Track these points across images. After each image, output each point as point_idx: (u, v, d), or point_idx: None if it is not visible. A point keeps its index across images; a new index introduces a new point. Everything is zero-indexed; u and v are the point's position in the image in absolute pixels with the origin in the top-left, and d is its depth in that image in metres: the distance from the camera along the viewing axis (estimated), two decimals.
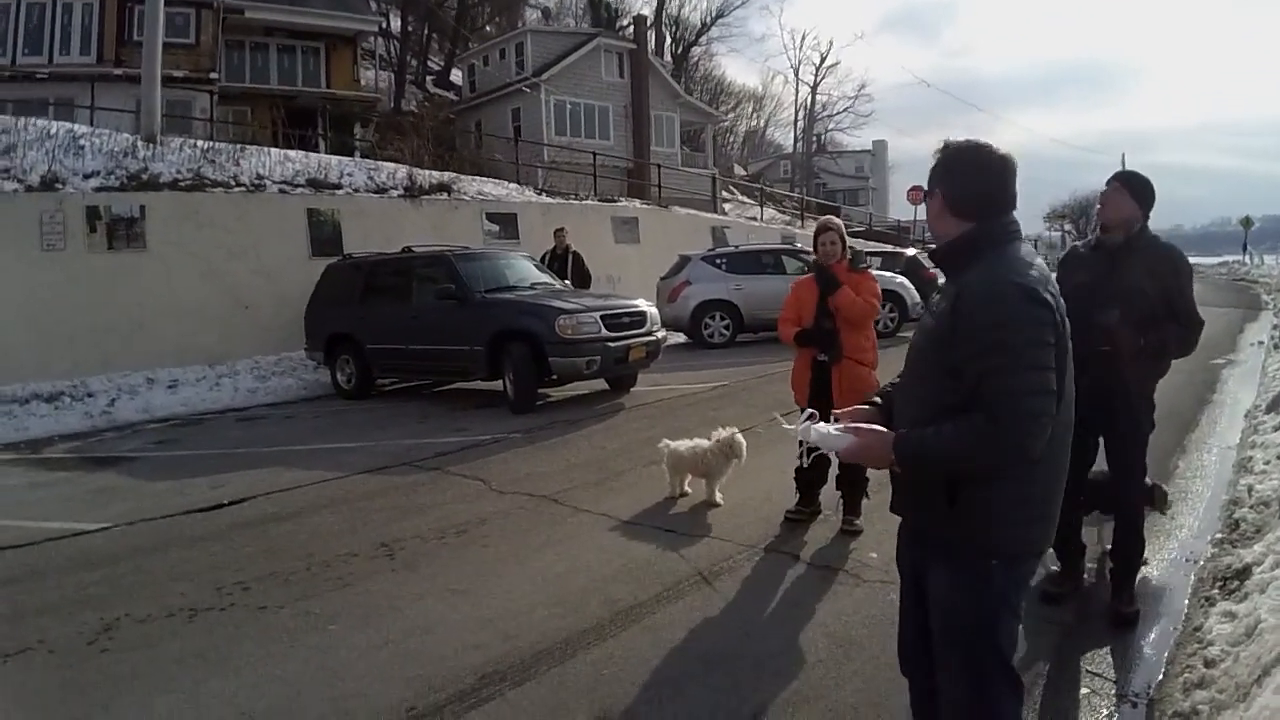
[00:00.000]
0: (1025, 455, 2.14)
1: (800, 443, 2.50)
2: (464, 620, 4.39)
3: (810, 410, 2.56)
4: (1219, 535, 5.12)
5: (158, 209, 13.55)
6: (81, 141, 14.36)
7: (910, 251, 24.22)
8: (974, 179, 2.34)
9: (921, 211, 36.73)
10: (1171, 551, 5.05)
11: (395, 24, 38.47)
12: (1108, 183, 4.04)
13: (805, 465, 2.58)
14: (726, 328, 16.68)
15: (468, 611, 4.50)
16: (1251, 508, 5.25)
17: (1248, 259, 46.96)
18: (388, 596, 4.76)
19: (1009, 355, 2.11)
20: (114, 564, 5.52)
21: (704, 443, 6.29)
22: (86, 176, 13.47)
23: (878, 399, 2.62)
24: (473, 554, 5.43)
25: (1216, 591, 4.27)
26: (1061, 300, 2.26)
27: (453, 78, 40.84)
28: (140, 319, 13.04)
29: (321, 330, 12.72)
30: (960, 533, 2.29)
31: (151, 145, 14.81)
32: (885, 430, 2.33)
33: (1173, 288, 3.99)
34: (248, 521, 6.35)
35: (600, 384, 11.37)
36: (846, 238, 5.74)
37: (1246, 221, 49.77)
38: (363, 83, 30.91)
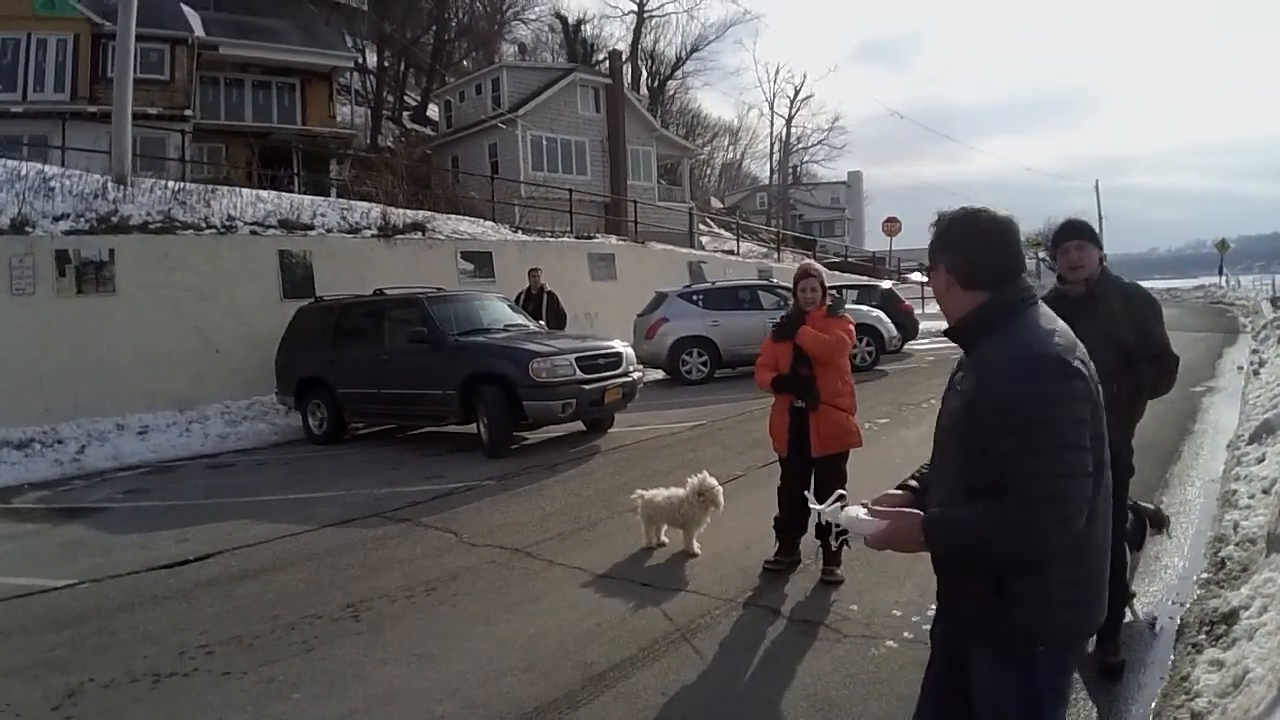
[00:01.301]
0: (1052, 543, 2.02)
1: (830, 525, 2.43)
2: (430, 688, 4.24)
3: (841, 492, 2.49)
4: (1205, 575, 5.03)
5: (127, 252, 13.38)
6: (52, 183, 14.20)
7: (886, 284, 24.36)
8: (978, 248, 2.24)
9: (897, 243, 37.06)
10: (1157, 594, 4.96)
11: (371, 59, 38.53)
12: (1063, 244, 3.99)
13: (835, 548, 2.50)
14: (704, 364, 16.64)
15: (434, 678, 4.35)
16: (1237, 545, 5.17)
17: (1224, 281, 47.41)
18: (352, 662, 4.60)
19: (1040, 436, 1.99)
20: (79, 624, 5.40)
21: (680, 491, 6.17)
22: (56, 219, 13.30)
23: (913, 482, 2.49)
24: (441, 614, 5.28)
25: (1203, 637, 4.17)
26: (1092, 365, 2.17)
27: (429, 113, 40.92)
28: (110, 363, 12.83)
29: (292, 374, 12.56)
30: (1006, 621, 2.15)
31: (122, 186, 14.66)
32: (914, 512, 2.22)
33: (1139, 330, 3.95)
34: (212, 579, 6.18)
35: (577, 425, 11.25)
36: (826, 284, 5.69)
37: (1222, 245, 50.37)
38: (338, 119, 30.88)
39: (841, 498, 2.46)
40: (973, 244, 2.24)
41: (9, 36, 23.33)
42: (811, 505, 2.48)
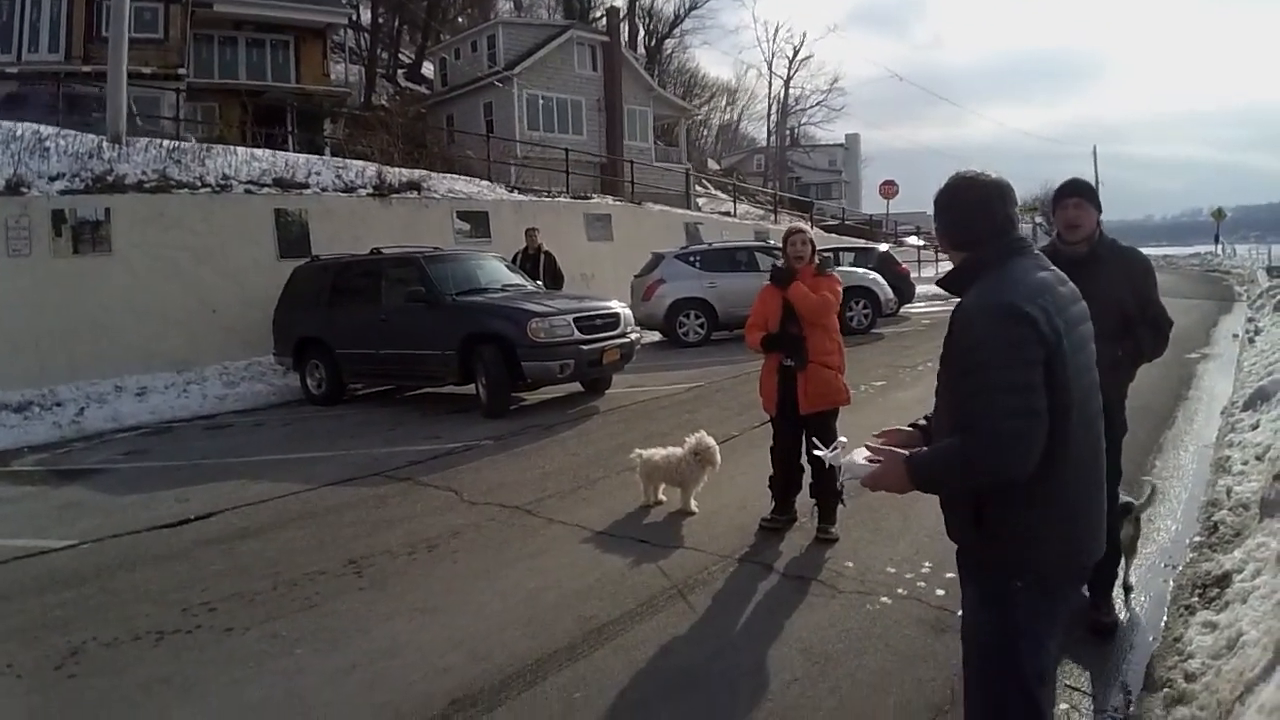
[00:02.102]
0: (1005, 477, 2.15)
1: (833, 469, 2.55)
2: (433, 641, 4.31)
3: (841, 439, 2.59)
4: (1198, 539, 5.08)
5: (123, 211, 13.32)
6: (47, 143, 14.10)
7: (883, 247, 24.34)
8: (956, 214, 2.42)
9: (894, 206, 37.03)
10: (1150, 557, 5.00)
11: (365, 16, 38.19)
12: (1062, 200, 3.99)
13: (842, 490, 2.62)
14: (701, 326, 16.67)
15: (437, 632, 4.43)
16: (1230, 510, 5.21)
17: (1220, 250, 47.31)
18: (355, 617, 4.67)
19: (986, 376, 2.14)
20: (80, 584, 5.43)
21: (678, 450, 6.23)
22: (52, 179, 13.23)
23: (923, 421, 2.62)
24: (443, 570, 5.35)
25: (1196, 600, 4.22)
26: (1063, 308, 2.28)
27: (424, 71, 40.58)
28: (107, 324, 12.83)
29: (290, 334, 12.56)
30: (988, 552, 2.34)
31: (117, 146, 14.56)
32: (901, 452, 2.34)
33: (1141, 294, 3.99)
34: (214, 538, 6.24)
35: (574, 386, 11.29)
36: (815, 242, 5.71)
37: (1219, 213, 50.21)
38: (332, 77, 30.58)
39: (843, 444, 2.56)
40: (952, 211, 2.43)
41: None
42: (817, 452, 2.59)
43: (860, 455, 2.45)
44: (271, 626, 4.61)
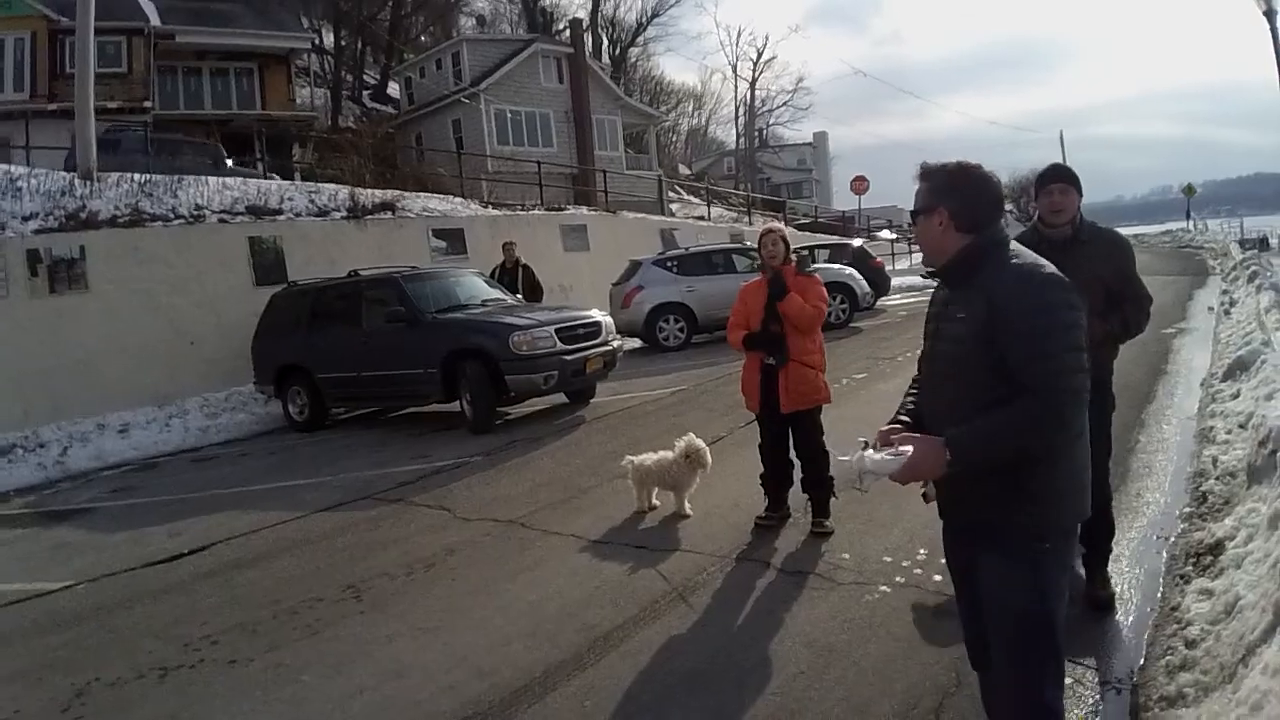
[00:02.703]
0: (1069, 430, 2.33)
1: (860, 475, 2.49)
2: (437, 660, 4.31)
3: (861, 439, 2.53)
4: (1187, 509, 5.15)
5: (97, 248, 13.23)
6: (19, 183, 13.97)
7: (857, 242, 24.50)
8: (979, 194, 2.50)
9: (865, 201, 37.22)
10: (1141, 529, 5.08)
11: (328, 39, 38.05)
12: (1046, 185, 4.06)
13: (865, 491, 2.59)
14: (681, 330, 16.72)
15: (441, 650, 4.42)
16: (1218, 479, 5.29)
17: (1191, 226, 47.71)
18: (358, 641, 4.66)
19: (1052, 340, 2.28)
20: (79, 624, 5.40)
21: (669, 454, 6.25)
22: (25, 219, 13.13)
23: (904, 417, 2.67)
24: (442, 588, 5.35)
25: (1191, 568, 4.29)
26: None
27: (390, 91, 40.48)
28: (87, 362, 12.73)
29: (270, 362, 12.48)
30: (1020, 517, 2.40)
31: (88, 182, 14.45)
32: (930, 438, 2.38)
33: (1123, 273, 4.07)
34: (209, 570, 6.21)
35: (559, 398, 11.29)
36: (789, 240, 5.76)
37: (1189, 190, 50.68)
38: (298, 101, 30.50)
39: (865, 444, 2.50)
40: (971, 191, 2.49)
41: None
42: (842, 458, 2.55)
43: (882, 452, 2.44)
44: (275, 656, 4.59)
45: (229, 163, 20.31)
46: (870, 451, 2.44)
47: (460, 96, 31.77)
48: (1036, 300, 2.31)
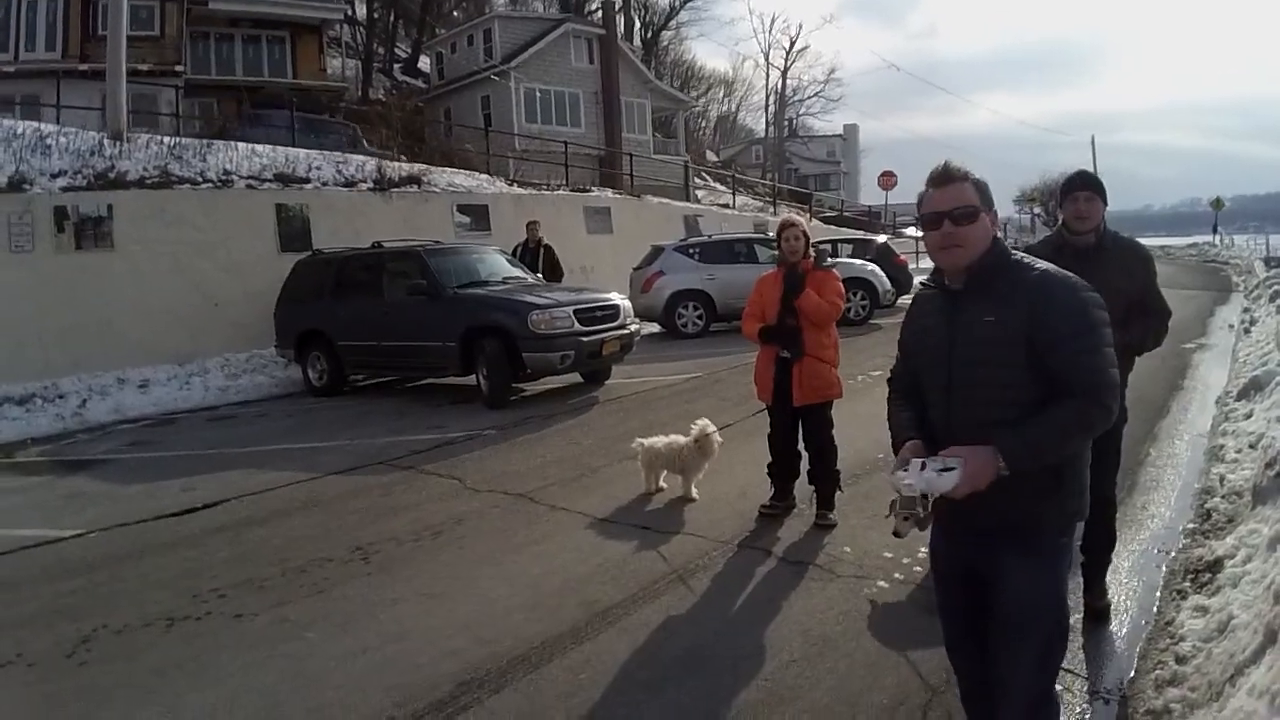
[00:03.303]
0: (1109, 426, 2.40)
1: (923, 496, 2.41)
2: (440, 625, 4.40)
3: (909, 460, 2.47)
4: (1190, 525, 5.17)
5: (125, 207, 13.40)
6: (48, 141, 14.16)
7: (881, 238, 24.39)
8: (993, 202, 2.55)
9: (893, 196, 37.02)
10: (1143, 542, 5.11)
11: (361, 11, 38.09)
12: (1072, 193, 4.04)
13: (926, 514, 2.47)
14: (700, 317, 16.77)
15: (444, 616, 4.51)
16: (1223, 497, 5.30)
17: (1218, 240, 47.22)
18: (363, 602, 4.76)
19: (1095, 337, 2.34)
20: (90, 572, 5.49)
21: (680, 439, 6.32)
22: (54, 176, 13.30)
23: (912, 433, 2.62)
24: (448, 556, 5.44)
25: (1188, 584, 4.31)
26: None
27: (420, 65, 40.50)
28: (109, 319, 12.90)
29: (292, 327, 12.64)
30: (1053, 514, 2.46)
31: (118, 143, 14.60)
32: (980, 448, 2.36)
33: (1144, 285, 4.08)
34: (221, 526, 6.31)
35: (574, 377, 11.37)
36: (809, 235, 5.78)
37: (1218, 203, 50.02)
38: (329, 72, 30.59)
39: (922, 465, 2.42)
40: (991, 198, 2.54)
41: None
42: (907, 482, 2.43)
43: (929, 467, 2.39)
44: (281, 611, 4.68)
45: (365, 143, 21.13)
46: (928, 471, 2.39)
47: (490, 74, 31.78)
48: (1076, 301, 2.35)
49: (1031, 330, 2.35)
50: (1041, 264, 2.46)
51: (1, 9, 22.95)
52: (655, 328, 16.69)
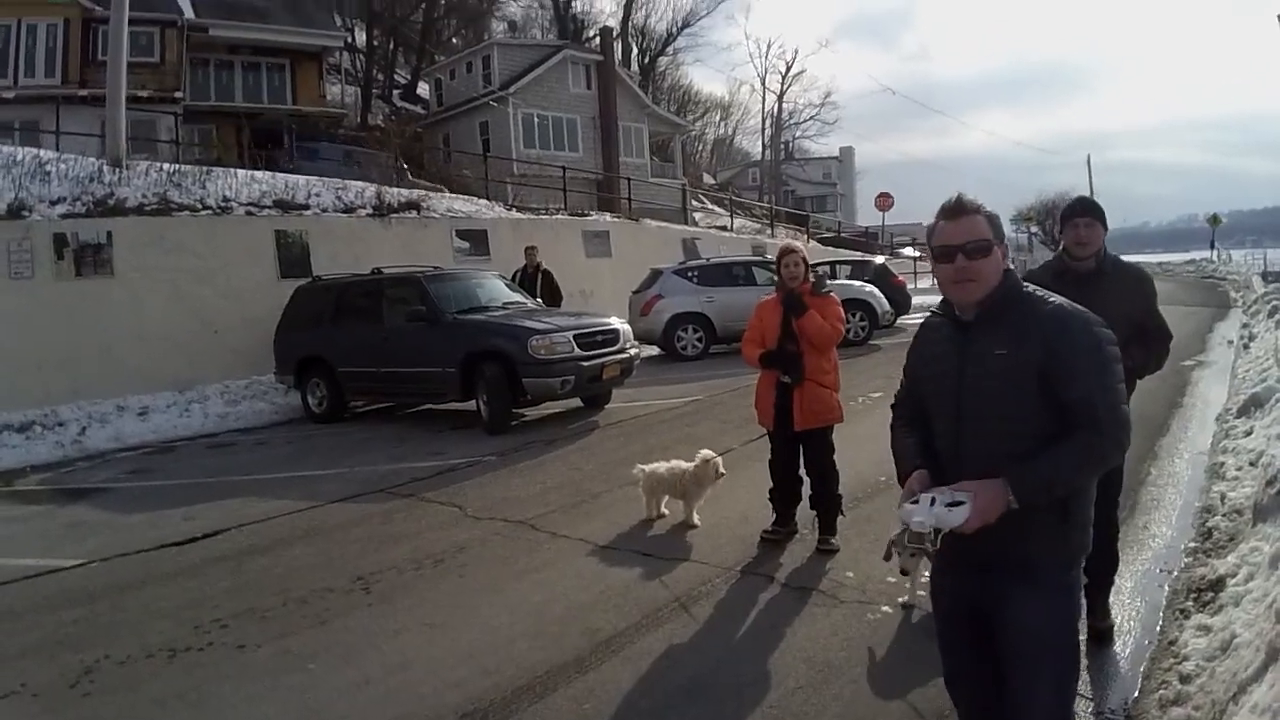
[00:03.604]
0: (1119, 461, 2.47)
1: (934, 531, 2.38)
2: (443, 655, 4.38)
3: (916, 495, 2.45)
4: (1192, 544, 5.18)
5: (124, 234, 13.40)
6: (48, 167, 14.17)
7: (879, 259, 24.47)
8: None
9: (889, 218, 37.20)
10: (1145, 562, 5.11)
11: (360, 38, 38.35)
12: (1073, 219, 4.06)
13: (935, 549, 2.44)
14: (699, 340, 16.79)
15: (446, 646, 4.50)
16: (1224, 516, 5.30)
17: (1215, 256, 47.33)
18: (365, 633, 4.74)
19: (1113, 372, 2.35)
20: (91, 602, 5.47)
21: (682, 464, 6.32)
22: (53, 203, 13.29)
23: (919, 461, 2.60)
24: (450, 585, 5.42)
25: (1191, 604, 4.31)
26: None
27: (420, 91, 40.75)
28: (109, 346, 12.88)
29: (291, 353, 12.64)
30: (1065, 547, 2.46)
31: (117, 169, 14.63)
32: (989, 482, 2.34)
33: (1145, 308, 4.10)
34: (223, 555, 6.29)
35: (574, 402, 11.37)
36: (809, 261, 5.80)
37: (1215, 220, 50.12)
38: (328, 98, 30.76)
39: (932, 500, 2.40)
40: (1002, 232, 2.55)
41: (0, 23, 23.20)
42: (914, 519, 2.40)
43: (938, 500, 2.37)
44: (283, 643, 4.66)
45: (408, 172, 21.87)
46: (937, 506, 2.37)
47: (489, 99, 31.98)
48: (1090, 337, 2.35)
49: (1045, 364, 2.34)
50: (1055, 298, 2.45)
51: (1, 35, 23.05)
52: (655, 350, 16.70)
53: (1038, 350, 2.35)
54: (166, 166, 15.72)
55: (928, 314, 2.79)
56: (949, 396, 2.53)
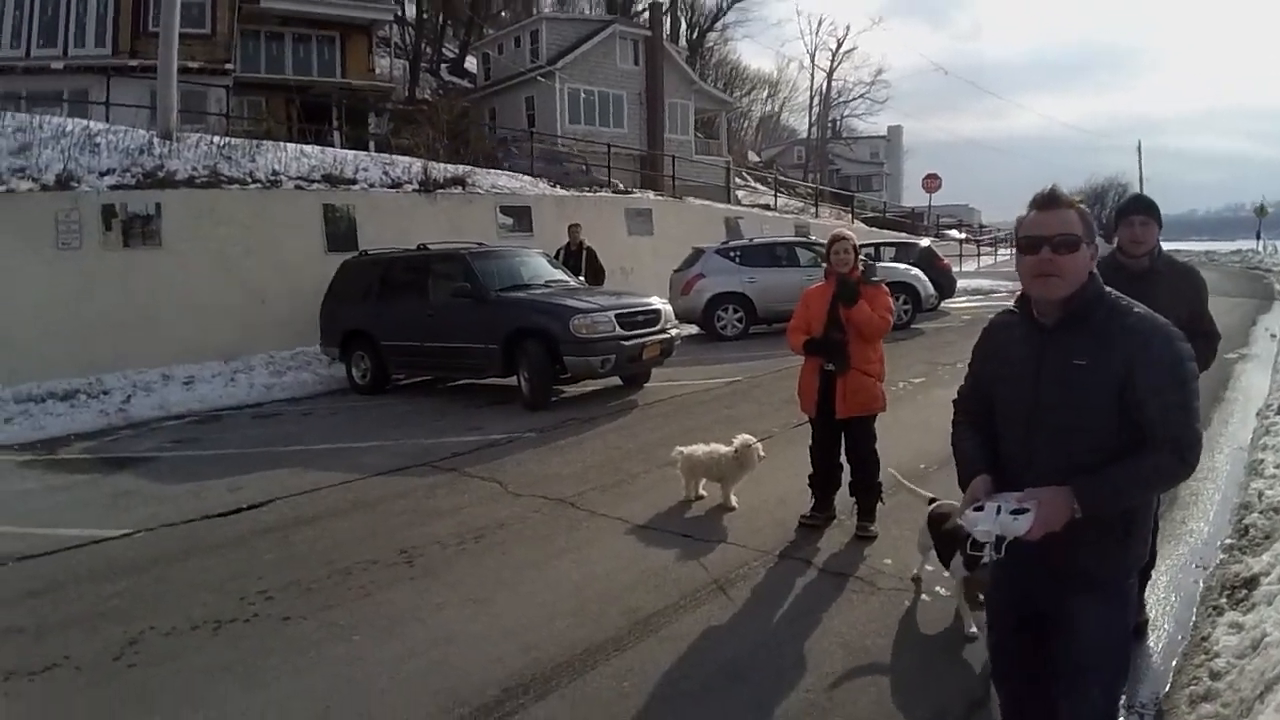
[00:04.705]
0: (1190, 475, 2.38)
1: (997, 539, 2.36)
2: (485, 631, 4.45)
3: (979, 500, 2.44)
4: (1228, 541, 5.15)
5: (173, 206, 13.61)
6: (97, 139, 14.38)
7: (925, 241, 24.22)
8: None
9: (936, 199, 36.77)
10: (1181, 557, 5.09)
11: (410, 11, 38.42)
12: (1128, 217, 4.03)
13: (999, 557, 2.38)
14: (739, 320, 16.75)
15: (488, 622, 4.56)
16: (1261, 513, 5.25)
17: (1261, 247, 46.37)
18: (409, 606, 4.81)
19: (1186, 391, 2.29)
20: (136, 573, 5.50)
21: (721, 447, 6.34)
22: (102, 174, 13.51)
23: (981, 465, 2.57)
24: (491, 561, 5.49)
25: (1224, 601, 4.31)
26: None
27: (467, 65, 40.81)
28: (156, 316, 13.10)
29: (337, 326, 12.81)
30: (1127, 558, 2.46)
31: (167, 142, 14.84)
32: (1056, 490, 2.32)
33: (1197, 310, 4.06)
34: (268, 527, 6.39)
35: (614, 380, 11.41)
36: (859, 248, 5.77)
37: (1261, 210, 49.14)
38: (377, 71, 30.86)
39: (999, 508, 2.38)
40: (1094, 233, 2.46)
41: None
42: (978, 529, 2.39)
43: (1002, 507, 2.36)
44: (328, 615, 4.74)
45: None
46: (1002, 515, 2.35)
47: (536, 75, 31.97)
48: (1172, 354, 2.29)
49: (1125, 378, 2.29)
50: (1138, 307, 2.38)
51: (51, 4, 23.25)
52: (694, 330, 16.65)
53: (1118, 363, 2.30)
54: (216, 140, 15.92)
55: (1000, 312, 2.70)
56: (1021, 403, 2.48)
